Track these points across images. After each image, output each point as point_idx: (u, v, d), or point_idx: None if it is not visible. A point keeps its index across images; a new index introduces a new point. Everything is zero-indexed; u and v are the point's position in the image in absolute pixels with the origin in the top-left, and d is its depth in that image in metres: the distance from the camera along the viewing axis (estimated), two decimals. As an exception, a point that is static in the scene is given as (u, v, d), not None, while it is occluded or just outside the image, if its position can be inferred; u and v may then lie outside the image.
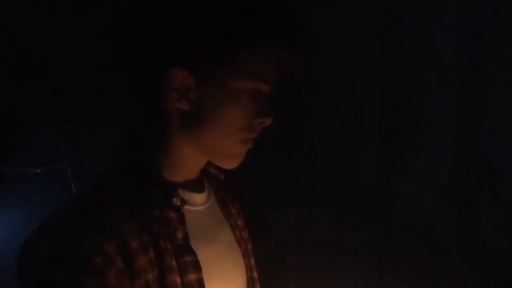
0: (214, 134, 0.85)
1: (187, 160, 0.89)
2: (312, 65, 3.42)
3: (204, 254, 0.88)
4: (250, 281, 1.01)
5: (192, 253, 0.85)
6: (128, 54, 0.85)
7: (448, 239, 2.43)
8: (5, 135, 2.59)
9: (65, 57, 3.05)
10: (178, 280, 0.82)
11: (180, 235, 0.85)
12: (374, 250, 2.63)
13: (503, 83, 2.21)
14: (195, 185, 0.94)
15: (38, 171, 2.35)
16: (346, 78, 2.98)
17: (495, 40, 2.22)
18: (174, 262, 0.83)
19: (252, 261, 1.04)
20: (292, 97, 3.34)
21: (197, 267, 0.85)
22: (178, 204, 0.86)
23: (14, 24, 3.00)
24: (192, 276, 0.84)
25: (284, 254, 2.75)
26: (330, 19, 2.94)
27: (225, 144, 0.86)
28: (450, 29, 2.35)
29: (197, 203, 0.92)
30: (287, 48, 0.83)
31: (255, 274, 1.04)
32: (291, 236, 2.76)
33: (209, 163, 0.97)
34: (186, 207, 0.88)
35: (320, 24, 2.90)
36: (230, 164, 0.90)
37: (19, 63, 2.89)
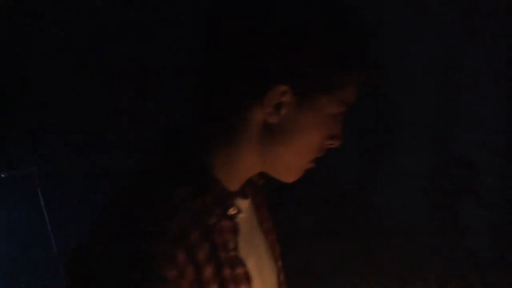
0: (291, 153, 0.85)
1: (247, 169, 0.88)
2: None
3: (250, 264, 0.87)
4: (281, 284, 1.03)
5: (243, 264, 0.84)
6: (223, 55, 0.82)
7: (429, 241, 2.41)
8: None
9: (35, 58, 2.95)
10: None
11: (232, 245, 0.83)
12: (355, 254, 2.60)
13: (483, 86, 2.20)
14: (242, 191, 0.91)
15: (3, 176, 2.23)
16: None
17: (471, 46, 2.22)
18: (230, 274, 0.82)
19: (280, 263, 1.03)
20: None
21: (248, 279, 0.85)
22: (235, 212, 0.84)
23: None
24: None
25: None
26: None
27: (295, 162, 0.87)
28: (427, 36, 2.35)
29: (244, 210, 0.89)
30: (374, 71, 0.86)
31: (282, 277, 1.03)
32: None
33: None
34: None
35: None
36: (290, 179, 0.90)
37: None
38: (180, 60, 3.40)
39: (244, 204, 0.90)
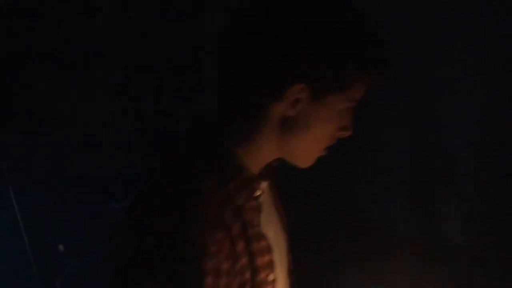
0: (306, 142, 0.96)
1: (267, 156, 0.99)
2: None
3: (269, 236, 1.00)
4: (289, 249, 1.17)
5: (266, 238, 0.98)
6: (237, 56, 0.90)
7: (407, 234, 2.34)
8: None
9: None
10: (260, 263, 0.95)
11: (256, 222, 0.96)
12: (334, 247, 2.56)
13: (459, 76, 2.11)
14: (262, 174, 1.03)
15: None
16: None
17: (448, 34, 2.12)
18: (256, 247, 0.94)
19: (288, 232, 1.16)
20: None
21: (270, 250, 0.98)
22: (259, 194, 0.97)
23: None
24: (266, 259, 0.97)
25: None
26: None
27: (310, 150, 0.99)
28: (403, 26, 2.26)
29: (264, 190, 1.02)
30: (387, 73, 0.95)
31: (289, 243, 1.17)
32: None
33: None
34: None
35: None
36: (305, 164, 1.02)
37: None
38: (180, 60, 3.40)
39: (264, 185, 1.01)
